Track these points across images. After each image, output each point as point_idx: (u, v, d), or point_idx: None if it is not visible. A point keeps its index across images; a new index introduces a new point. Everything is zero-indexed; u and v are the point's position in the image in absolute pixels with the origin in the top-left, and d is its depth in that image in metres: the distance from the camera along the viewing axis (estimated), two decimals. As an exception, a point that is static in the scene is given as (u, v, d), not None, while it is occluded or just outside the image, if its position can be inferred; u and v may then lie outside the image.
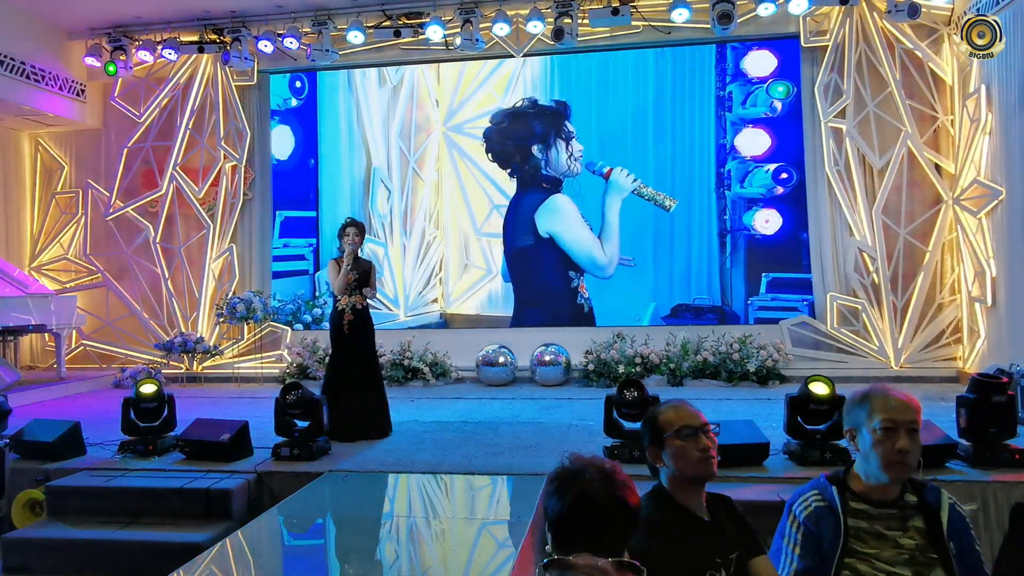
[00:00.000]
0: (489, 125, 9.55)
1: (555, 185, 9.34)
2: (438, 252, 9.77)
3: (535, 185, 9.41)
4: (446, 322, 9.67)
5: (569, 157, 9.26)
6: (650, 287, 9.21)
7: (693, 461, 2.22)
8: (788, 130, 8.96)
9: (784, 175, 8.89)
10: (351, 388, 5.64)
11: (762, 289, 8.98)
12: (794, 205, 8.94)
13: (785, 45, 8.95)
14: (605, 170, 9.14)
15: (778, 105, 8.97)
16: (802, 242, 8.88)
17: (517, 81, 9.61)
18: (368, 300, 5.80)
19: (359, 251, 5.79)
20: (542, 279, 9.38)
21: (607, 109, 9.38)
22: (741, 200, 9.06)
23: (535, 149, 9.36)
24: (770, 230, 8.97)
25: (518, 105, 9.48)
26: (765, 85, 9.00)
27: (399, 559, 3.35)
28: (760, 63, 9.05)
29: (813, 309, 8.78)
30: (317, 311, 9.78)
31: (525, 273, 9.43)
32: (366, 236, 6.19)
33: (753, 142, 9.01)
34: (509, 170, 9.49)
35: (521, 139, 9.44)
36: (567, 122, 9.34)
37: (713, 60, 9.16)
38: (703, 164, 9.14)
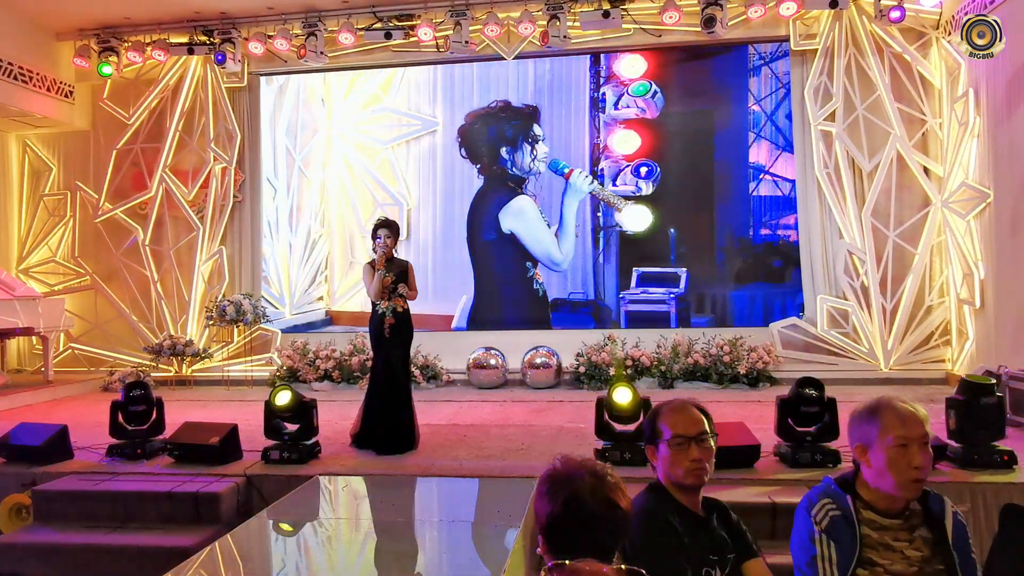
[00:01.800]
0: (463, 123, 9.72)
1: (519, 184, 9.51)
2: (324, 250, 9.99)
3: (501, 184, 9.60)
4: (332, 319, 9.88)
5: (533, 159, 9.47)
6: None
7: (681, 471, 2.23)
8: (658, 129, 9.30)
9: (645, 169, 9.22)
10: (396, 396, 5.35)
11: (633, 283, 9.27)
12: (662, 201, 9.25)
13: (658, 52, 9.27)
14: (566, 171, 9.34)
15: (643, 104, 9.27)
16: (670, 237, 9.22)
17: (401, 83, 9.88)
18: (405, 304, 5.43)
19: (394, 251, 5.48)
20: (503, 269, 9.59)
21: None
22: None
23: (503, 151, 9.55)
24: (640, 226, 9.23)
25: (491, 106, 9.66)
26: (628, 87, 9.34)
27: (389, 562, 3.34)
28: (632, 66, 9.34)
29: (802, 309, 8.83)
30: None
31: (487, 264, 9.65)
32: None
33: (624, 142, 9.32)
34: (478, 166, 9.65)
35: (492, 140, 9.64)
36: (536, 125, 9.51)
37: (588, 63, 9.49)
38: (578, 163, 9.44)
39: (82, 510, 4.53)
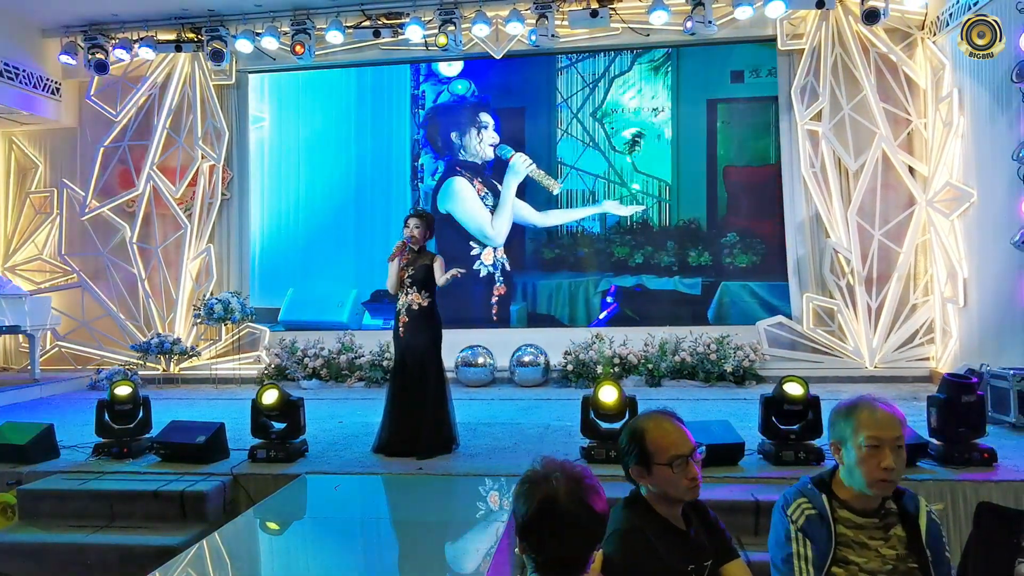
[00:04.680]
0: (423, 118, 9.92)
1: (473, 170, 9.76)
2: None
3: (452, 170, 9.84)
4: None
5: (480, 143, 9.72)
6: (352, 273, 9.82)
7: (682, 489, 2.16)
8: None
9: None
10: (404, 399, 5.15)
11: None
12: None
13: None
14: (510, 155, 9.62)
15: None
16: None
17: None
18: (425, 301, 5.29)
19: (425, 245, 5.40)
20: (446, 249, 9.70)
21: (315, 119, 10.09)
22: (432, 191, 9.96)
23: (453, 136, 9.80)
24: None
25: (442, 101, 9.88)
26: (448, 85, 9.78)
27: (376, 561, 3.36)
28: (449, 65, 9.84)
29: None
30: None
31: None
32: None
33: None
34: (435, 155, 9.87)
35: (446, 129, 9.87)
36: (483, 114, 9.75)
37: (408, 64, 9.90)
38: (400, 158, 9.94)
39: (68, 509, 4.51)
